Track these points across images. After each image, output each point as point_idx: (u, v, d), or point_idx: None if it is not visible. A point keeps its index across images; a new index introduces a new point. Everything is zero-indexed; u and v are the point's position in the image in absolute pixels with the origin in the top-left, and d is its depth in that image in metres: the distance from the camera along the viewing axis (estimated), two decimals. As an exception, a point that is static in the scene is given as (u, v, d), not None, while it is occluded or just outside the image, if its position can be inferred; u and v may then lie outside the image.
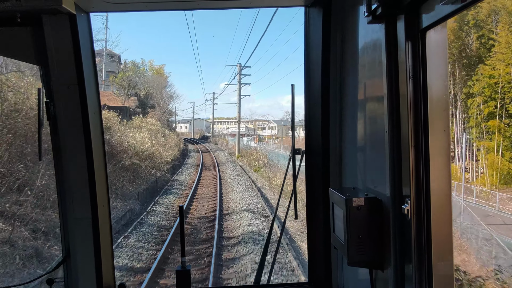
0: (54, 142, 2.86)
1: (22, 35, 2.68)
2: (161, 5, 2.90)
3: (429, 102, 1.86)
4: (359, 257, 2.19)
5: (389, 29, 1.95)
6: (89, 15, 2.81)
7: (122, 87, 46.72)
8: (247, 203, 19.03)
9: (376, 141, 2.24)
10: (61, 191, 2.90)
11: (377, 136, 2.21)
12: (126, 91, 46.10)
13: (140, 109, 44.17)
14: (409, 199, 1.91)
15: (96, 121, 2.88)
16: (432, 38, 1.84)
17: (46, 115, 2.74)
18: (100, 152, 2.95)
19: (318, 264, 3.08)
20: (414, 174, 1.90)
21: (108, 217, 3.05)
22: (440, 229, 1.88)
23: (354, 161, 2.67)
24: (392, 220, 2.02)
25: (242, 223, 15.06)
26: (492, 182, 36.68)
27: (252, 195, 21.30)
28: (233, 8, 3.01)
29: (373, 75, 2.28)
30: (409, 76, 1.89)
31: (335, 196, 2.39)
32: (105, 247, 2.95)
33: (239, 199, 20.08)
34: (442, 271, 1.89)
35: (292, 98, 3.11)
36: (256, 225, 14.56)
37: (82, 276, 2.92)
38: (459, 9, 1.57)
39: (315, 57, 2.96)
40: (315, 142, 3.03)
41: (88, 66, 2.76)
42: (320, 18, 2.83)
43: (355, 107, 2.60)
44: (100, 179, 2.91)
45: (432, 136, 1.87)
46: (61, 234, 2.97)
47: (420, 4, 1.82)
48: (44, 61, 2.70)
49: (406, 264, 1.99)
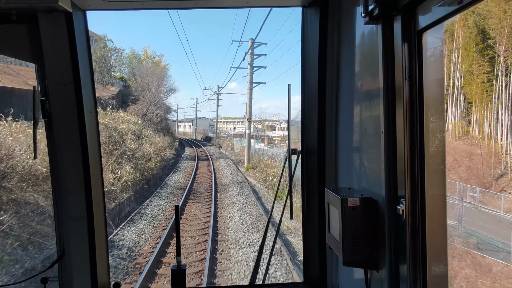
0: (49, 140, 2.84)
1: (17, 32, 2.66)
2: (158, 4, 2.89)
3: (425, 103, 1.87)
4: (354, 257, 2.20)
5: (386, 30, 1.96)
6: (86, 13, 2.80)
7: (95, 71, 35.24)
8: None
9: (372, 142, 2.25)
10: (56, 189, 2.89)
11: (372, 137, 2.22)
12: (98, 77, 37.24)
13: (115, 101, 34.48)
14: (404, 199, 1.92)
15: (91, 119, 2.87)
16: (428, 40, 1.85)
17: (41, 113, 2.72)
18: (96, 151, 2.94)
19: (314, 264, 3.08)
20: (409, 175, 1.91)
21: (104, 216, 3.04)
22: (435, 230, 1.89)
23: (349, 161, 2.68)
24: (387, 220, 2.03)
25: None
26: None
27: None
28: (230, 7, 3.01)
29: (369, 76, 2.29)
30: (405, 77, 1.90)
31: (330, 196, 2.39)
32: (100, 246, 2.94)
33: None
34: (436, 272, 1.90)
35: (289, 98, 3.12)
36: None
37: (76, 275, 2.91)
38: (455, 10, 1.58)
39: (312, 58, 2.96)
40: (311, 142, 3.03)
41: (84, 65, 2.75)
42: (317, 18, 2.84)
43: (351, 107, 2.61)
44: (96, 178, 2.90)
45: (427, 137, 1.88)
46: (56, 233, 2.96)
47: (416, 6, 1.83)
48: (39, 59, 2.69)
49: (401, 264, 2.00)
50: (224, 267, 10.13)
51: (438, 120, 1.90)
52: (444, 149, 1.94)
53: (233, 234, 12.98)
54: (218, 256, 10.96)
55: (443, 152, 1.92)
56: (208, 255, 10.53)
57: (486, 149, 32.02)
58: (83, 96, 2.72)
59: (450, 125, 36.45)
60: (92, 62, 2.93)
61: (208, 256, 10.49)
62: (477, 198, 23.94)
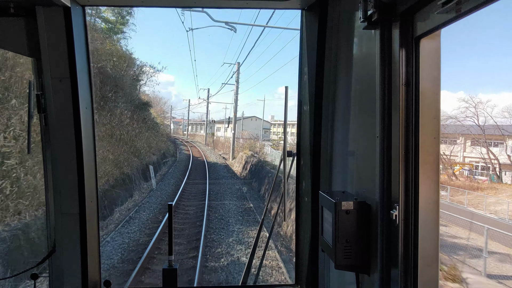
0: (43, 135, 2.82)
1: (15, 26, 2.64)
2: (157, 2, 2.88)
3: (421, 109, 1.88)
4: (346, 261, 2.21)
5: (384, 35, 1.97)
6: (84, 8, 2.78)
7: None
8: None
9: (367, 146, 2.25)
10: (49, 184, 2.87)
11: (368, 141, 2.23)
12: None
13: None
14: (398, 204, 1.92)
15: (87, 115, 2.85)
16: (426, 46, 1.86)
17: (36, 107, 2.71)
18: (91, 148, 2.92)
19: (306, 266, 3.09)
20: (404, 180, 1.92)
21: (96, 213, 3.02)
22: (427, 235, 1.90)
23: (344, 165, 2.69)
24: (380, 225, 2.03)
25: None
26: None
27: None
28: (230, 8, 3.01)
29: (366, 81, 2.30)
30: (402, 83, 1.91)
31: (324, 199, 2.40)
32: (91, 243, 2.92)
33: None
34: (427, 277, 1.91)
35: (286, 100, 3.12)
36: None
37: (67, 271, 2.89)
38: (453, 18, 1.59)
39: (310, 60, 2.97)
40: (307, 145, 3.04)
41: (81, 60, 2.74)
42: (316, 21, 2.84)
43: (347, 111, 2.62)
44: (90, 174, 2.88)
45: (422, 143, 1.89)
46: (47, 229, 2.93)
47: (415, 12, 1.84)
48: (36, 53, 2.67)
49: (393, 269, 2.00)
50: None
51: (433, 126, 1.91)
52: (439, 155, 1.95)
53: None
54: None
55: (437, 159, 1.93)
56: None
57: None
58: (79, 92, 2.70)
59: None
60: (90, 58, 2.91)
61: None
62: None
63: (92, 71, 2.92)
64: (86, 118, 2.83)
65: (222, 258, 11.39)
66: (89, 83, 2.89)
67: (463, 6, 1.51)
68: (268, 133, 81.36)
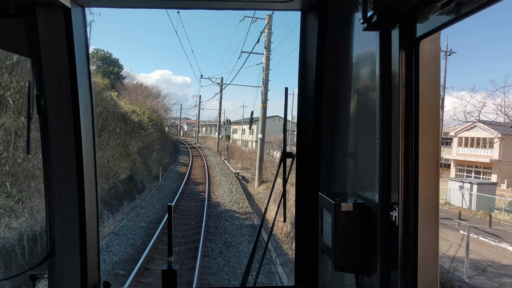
0: (43, 136, 2.82)
1: (14, 26, 2.64)
2: (157, 3, 2.88)
3: (421, 111, 1.88)
4: (346, 262, 2.20)
5: (384, 37, 1.97)
6: (84, 9, 2.78)
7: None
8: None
9: (367, 148, 2.25)
10: (49, 186, 2.86)
11: (368, 143, 2.22)
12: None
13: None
14: (398, 206, 1.92)
15: (87, 116, 2.85)
16: (425, 48, 1.86)
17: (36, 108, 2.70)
18: (90, 149, 2.91)
19: (305, 267, 3.08)
20: (403, 182, 1.92)
21: (96, 214, 3.01)
22: (427, 237, 1.90)
23: (344, 166, 2.69)
24: (380, 226, 2.03)
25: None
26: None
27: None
28: (229, 9, 3.02)
29: (366, 82, 2.30)
30: (402, 84, 1.91)
31: (324, 200, 2.39)
32: (91, 245, 2.92)
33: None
34: (427, 278, 1.91)
35: (286, 101, 3.11)
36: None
37: (66, 273, 2.88)
38: (453, 19, 1.59)
39: (310, 62, 2.97)
40: (307, 146, 3.04)
41: (81, 61, 2.74)
42: (316, 22, 2.84)
43: (347, 112, 2.62)
44: (89, 175, 2.88)
45: (422, 144, 1.88)
46: (47, 230, 2.93)
47: (415, 14, 1.84)
48: (36, 54, 2.67)
49: (392, 270, 2.00)
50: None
51: (433, 127, 1.91)
52: (438, 157, 1.95)
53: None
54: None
55: (437, 160, 1.93)
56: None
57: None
58: (79, 93, 2.70)
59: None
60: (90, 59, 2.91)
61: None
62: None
63: (91, 72, 2.93)
64: (86, 119, 2.83)
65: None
66: (89, 84, 2.89)
67: (463, 8, 1.51)
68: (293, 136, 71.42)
